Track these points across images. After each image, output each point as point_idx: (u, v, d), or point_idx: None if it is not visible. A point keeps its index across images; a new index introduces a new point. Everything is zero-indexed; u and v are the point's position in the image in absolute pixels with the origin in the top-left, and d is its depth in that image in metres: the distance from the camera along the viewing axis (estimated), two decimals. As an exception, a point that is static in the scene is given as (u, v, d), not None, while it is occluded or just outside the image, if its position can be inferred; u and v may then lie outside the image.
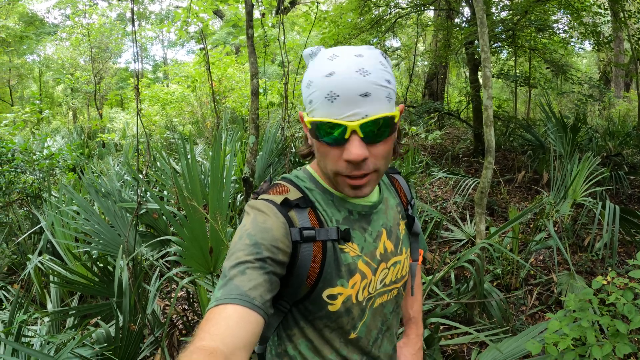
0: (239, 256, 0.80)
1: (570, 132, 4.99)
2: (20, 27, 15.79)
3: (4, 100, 18.02)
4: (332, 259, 0.91)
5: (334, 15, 7.58)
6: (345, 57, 0.81)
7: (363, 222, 0.98)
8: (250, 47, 3.18)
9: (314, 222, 0.91)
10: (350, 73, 0.79)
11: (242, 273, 0.77)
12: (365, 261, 0.96)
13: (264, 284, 0.78)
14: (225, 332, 0.69)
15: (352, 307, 0.95)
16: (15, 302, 2.45)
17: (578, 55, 12.65)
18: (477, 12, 2.57)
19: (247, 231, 0.84)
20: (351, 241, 0.94)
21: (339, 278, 0.92)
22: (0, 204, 4.55)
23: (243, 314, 0.72)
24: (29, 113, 6.31)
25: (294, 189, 0.95)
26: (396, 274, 1.05)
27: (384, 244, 1.01)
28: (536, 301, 3.39)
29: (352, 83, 0.78)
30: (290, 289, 0.90)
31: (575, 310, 1.82)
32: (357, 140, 0.81)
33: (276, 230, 0.84)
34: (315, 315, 0.95)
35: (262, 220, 0.86)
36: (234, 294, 0.74)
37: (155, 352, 2.68)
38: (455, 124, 11.08)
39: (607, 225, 3.47)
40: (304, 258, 0.88)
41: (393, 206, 1.08)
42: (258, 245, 0.81)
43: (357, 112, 0.79)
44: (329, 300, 0.92)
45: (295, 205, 0.91)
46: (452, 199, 5.37)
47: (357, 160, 0.82)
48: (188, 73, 10.14)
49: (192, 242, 2.37)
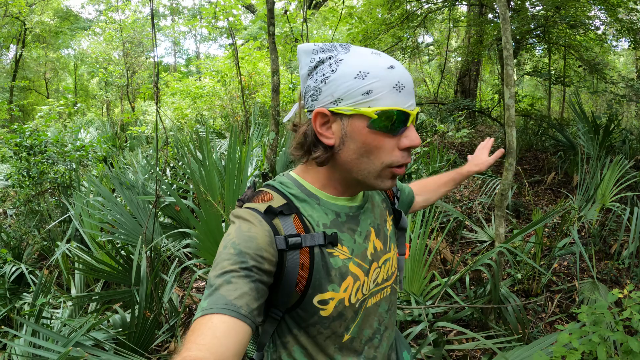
0: (224, 265, 0.80)
1: (602, 133, 4.80)
2: (55, 23, 16.31)
3: (40, 93, 18.69)
4: (320, 265, 0.90)
5: (363, 11, 7.52)
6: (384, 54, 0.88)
7: (352, 223, 0.97)
8: (271, 45, 3.19)
9: (300, 229, 0.90)
10: (405, 69, 0.87)
11: (227, 282, 0.77)
12: (357, 263, 0.95)
13: (250, 292, 0.77)
14: (212, 342, 0.69)
15: (344, 311, 0.94)
16: (40, 285, 2.56)
17: (615, 53, 12.14)
18: (499, 7, 2.50)
19: (231, 240, 0.84)
20: (340, 244, 0.93)
21: (329, 283, 0.91)
22: (33, 193, 4.74)
23: (229, 324, 0.72)
24: (63, 105, 6.53)
25: (277, 196, 0.94)
26: (387, 271, 1.05)
27: (374, 243, 1.00)
28: (557, 309, 3.29)
29: (409, 77, 0.87)
30: (280, 297, 0.89)
31: (587, 324, 1.76)
32: (412, 128, 0.89)
33: (261, 239, 0.84)
34: (308, 321, 0.94)
35: (247, 228, 0.85)
36: (220, 303, 0.74)
37: (171, 340, 2.75)
38: (487, 122, 10.84)
39: (634, 233, 3.33)
40: (291, 266, 0.87)
41: (378, 203, 1.08)
42: (243, 254, 0.81)
43: (412, 102, 0.88)
44: (320, 305, 0.91)
45: (279, 213, 0.90)
46: (477, 199, 5.26)
47: (419, 145, 0.89)
48: (218, 67, 10.26)
49: (207, 235, 2.42)
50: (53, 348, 1.93)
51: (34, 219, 4.56)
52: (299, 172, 1.00)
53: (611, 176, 3.91)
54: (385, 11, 7.67)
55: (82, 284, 3.36)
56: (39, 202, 4.77)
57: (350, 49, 0.88)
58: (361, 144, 0.86)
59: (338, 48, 0.89)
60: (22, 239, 4.20)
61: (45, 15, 15.27)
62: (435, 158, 5.31)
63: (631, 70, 12.38)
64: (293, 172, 1.01)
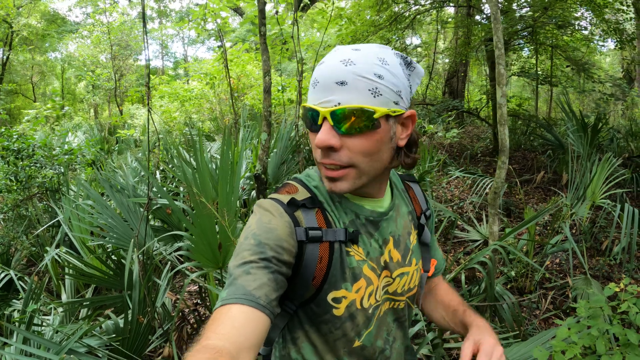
0: (244, 256, 0.80)
1: (590, 132, 4.86)
2: (42, 25, 16.14)
3: (27, 96, 18.48)
4: (338, 261, 0.90)
5: (352, 13, 7.54)
6: (341, 50, 0.83)
7: (370, 227, 0.96)
8: (262, 45, 3.18)
9: (322, 223, 0.90)
10: (334, 62, 0.80)
11: (247, 273, 0.78)
12: (371, 266, 0.94)
13: (269, 283, 0.78)
14: (231, 331, 0.69)
15: (356, 313, 0.94)
16: (30, 291, 2.50)
17: (601, 53, 12.32)
18: (491, 8, 2.52)
19: (252, 231, 0.84)
20: (357, 245, 0.93)
21: (343, 281, 0.91)
22: (21, 198, 4.66)
23: (248, 314, 0.72)
24: (50, 109, 6.45)
25: (302, 189, 0.95)
26: (403, 285, 1.02)
27: (389, 253, 0.98)
28: (550, 305, 3.31)
29: (331, 70, 0.80)
30: (296, 290, 0.89)
31: (585, 318, 1.76)
32: (326, 127, 0.81)
33: (281, 230, 0.84)
34: (320, 318, 0.93)
35: (267, 220, 0.86)
36: (239, 293, 0.75)
37: (165, 345, 2.71)
38: (475, 122, 10.93)
39: (625, 229, 3.37)
40: (309, 258, 0.87)
41: (404, 214, 1.05)
42: (262, 245, 0.81)
43: (331, 99, 0.80)
44: (333, 303, 0.91)
45: (302, 205, 0.90)
46: (468, 198, 5.29)
47: (321, 146, 0.82)
48: (207, 70, 10.23)
49: (200, 237, 2.40)
50: (45, 356, 1.89)
51: (22, 224, 4.48)
52: None
53: (600, 174, 3.95)
54: (374, 13, 7.70)
55: (73, 290, 3.31)
56: (27, 207, 4.69)
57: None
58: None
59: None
60: (10, 245, 4.12)
61: (33, 18, 15.10)
62: (425, 158, 5.33)
63: (617, 70, 12.58)
64: None
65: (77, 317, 2.99)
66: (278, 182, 4.31)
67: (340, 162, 0.84)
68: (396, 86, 0.83)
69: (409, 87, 0.88)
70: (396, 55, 0.86)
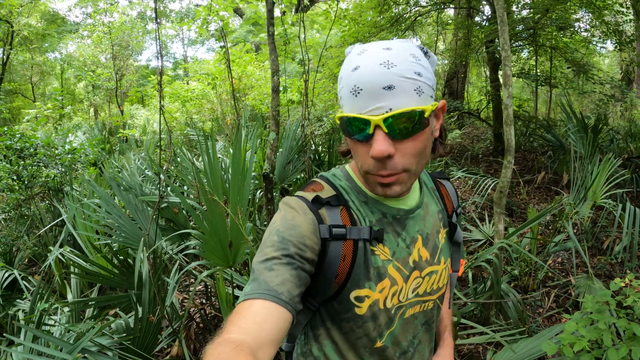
0: (267, 252, 0.81)
1: (591, 132, 4.91)
2: (42, 25, 16.12)
3: (26, 96, 18.45)
4: (362, 260, 0.90)
5: (354, 14, 7.57)
6: (372, 51, 0.79)
7: (397, 226, 0.95)
8: (271, 45, 3.21)
9: (346, 221, 0.90)
10: (373, 66, 0.77)
11: (269, 269, 0.78)
12: (396, 267, 0.93)
13: (292, 279, 0.78)
14: (253, 326, 0.70)
15: (379, 313, 0.94)
16: (37, 292, 2.52)
17: (600, 55, 12.40)
18: (498, 10, 2.55)
19: (276, 228, 0.85)
20: (383, 244, 0.92)
21: (367, 280, 0.90)
22: (23, 197, 4.66)
23: (270, 309, 0.73)
24: (51, 109, 6.44)
25: (328, 187, 0.95)
26: (432, 284, 1.01)
27: (419, 251, 0.97)
28: (553, 304, 3.35)
29: (375, 76, 0.76)
30: (319, 287, 0.90)
31: (593, 312, 1.80)
32: (381, 136, 0.79)
33: (304, 227, 0.85)
34: (342, 316, 0.94)
35: (291, 217, 0.86)
36: (262, 289, 0.75)
37: (173, 344, 2.73)
38: (475, 124, 10.97)
39: (626, 228, 3.41)
40: (332, 256, 0.87)
41: (434, 213, 1.04)
42: (285, 241, 0.82)
43: (381, 105, 0.77)
44: (356, 302, 0.91)
45: (326, 203, 0.90)
46: (470, 198, 5.33)
47: (380, 157, 0.79)
48: (208, 70, 10.24)
49: (212, 235, 2.41)
50: (57, 355, 1.89)
51: (24, 224, 4.48)
52: (351, 165, 1.01)
53: (601, 174, 3.99)
54: (375, 14, 7.73)
55: (78, 289, 3.31)
56: (30, 206, 4.69)
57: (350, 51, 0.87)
58: (349, 146, 0.89)
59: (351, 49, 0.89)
60: (12, 245, 4.11)
61: (33, 18, 15.08)
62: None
63: (616, 72, 12.66)
64: (347, 165, 1.02)
65: (83, 318, 2.99)
66: (284, 182, 4.33)
67: (394, 171, 0.82)
68: (431, 80, 0.82)
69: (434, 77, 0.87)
70: (419, 48, 0.84)
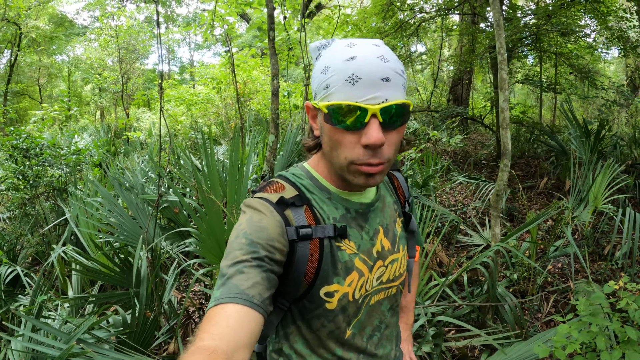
0: (236, 255, 0.80)
1: (593, 138, 4.90)
2: (50, 28, 16.29)
3: (33, 98, 18.63)
4: (328, 257, 0.91)
5: (358, 20, 7.61)
6: (364, 45, 0.83)
7: (360, 220, 0.98)
8: (271, 49, 3.24)
9: (310, 220, 0.91)
10: (372, 58, 0.80)
11: (240, 272, 0.78)
12: (362, 259, 0.96)
13: (262, 282, 0.78)
14: (226, 331, 0.70)
15: (347, 305, 0.96)
16: (37, 286, 2.55)
17: (605, 61, 12.36)
18: (494, 14, 2.57)
19: (243, 230, 0.84)
20: (348, 239, 0.94)
21: (335, 276, 0.92)
22: (28, 196, 4.72)
23: (243, 313, 0.73)
24: (57, 111, 6.51)
25: (289, 187, 0.95)
26: (394, 271, 1.04)
27: (381, 242, 1.00)
28: (552, 309, 3.34)
29: (375, 67, 0.79)
30: (289, 287, 0.91)
31: (586, 315, 1.80)
32: (376, 124, 0.80)
33: (272, 230, 0.85)
34: (313, 313, 0.95)
35: (258, 219, 0.86)
36: (233, 292, 0.75)
37: (170, 341, 2.75)
38: (479, 130, 10.97)
39: (627, 234, 3.40)
40: (301, 256, 0.88)
41: (390, 204, 1.07)
42: (254, 244, 0.81)
43: (378, 95, 0.79)
44: (325, 297, 0.93)
45: (291, 204, 0.91)
46: (471, 204, 5.33)
47: (377, 144, 0.81)
48: (214, 75, 10.31)
49: (209, 234, 2.44)
50: (55, 344, 1.92)
51: (28, 222, 4.53)
52: (310, 163, 1.02)
53: (603, 179, 3.99)
54: (379, 20, 7.77)
55: (79, 287, 3.35)
56: (34, 205, 4.74)
57: (332, 44, 0.90)
58: (328, 137, 0.87)
59: (328, 44, 0.91)
60: (16, 242, 4.16)
61: (41, 20, 15.27)
62: (429, 164, 5.37)
63: (621, 78, 12.62)
64: (306, 163, 1.03)
65: (82, 314, 3.03)
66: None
67: (383, 160, 0.84)
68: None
69: None
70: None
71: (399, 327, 1.18)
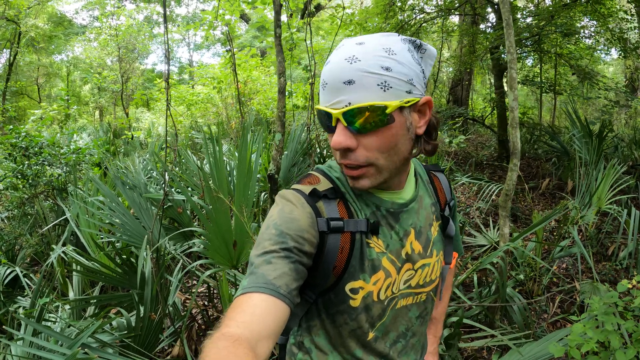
0: (265, 246, 0.81)
1: (596, 139, 4.90)
2: (49, 27, 16.23)
3: (32, 97, 18.55)
4: (358, 252, 0.90)
5: (360, 19, 7.60)
6: (345, 47, 0.81)
7: (391, 219, 0.95)
8: (278, 46, 3.22)
9: (343, 213, 0.90)
10: (339, 61, 0.79)
11: (267, 262, 0.78)
12: (390, 259, 0.94)
13: (290, 272, 0.78)
14: (251, 319, 0.69)
15: (372, 305, 0.94)
16: (37, 288, 2.51)
17: (605, 62, 12.40)
18: (503, 13, 2.55)
19: (273, 221, 0.84)
20: (377, 237, 0.93)
21: (361, 272, 0.91)
22: (27, 196, 4.67)
23: (269, 303, 0.73)
24: (56, 110, 6.47)
25: (324, 180, 0.95)
26: (424, 277, 1.01)
27: (411, 244, 0.97)
28: (558, 309, 3.33)
29: (337, 70, 0.79)
30: (317, 279, 0.90)
31: (599, 314, 1.78)
32: (340, 128, 0.81)
33: (302, 221, 0.84)
34: (337, 308, 0.94)
35: (289, 210, 0.86)
36: (260, 282, 0.75)
37: (175, 344, 2.71)
38: (479, 131, 10.98)
39: (632, 234, 3.39)
40: (331, 248, 0.87)
41: (427, 206, 1.04)
42: (284, 235, 0.81)
43: (341, 99, 0.79)
44: (350, 294, 0.92)
45: (323, 196, 0.90)
46: (475, 204, 5.31)
47: (337, 148, 0.82)
48: (214, 74, 10.28)
49: (216, 234, 2.40)
50: (57, 349, 1.88)
51: (27, 222, 4.49)
52: None
53: (606, 180, 3.98)
54: (381, 20, 7.76)
55: (79, 288, 3.30)
56: (33, 205, 4.69)
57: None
58: None
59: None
60: (15, 242, 4.11)
61: (40, 19, 15.21)
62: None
63: (620, 79, 12.66)
64: None
65: (84, 317, 2.98)
66: (288, 184, 4.34)
67: (357, 162, 0.84)
68: (407, 75, 0.81)
69: (422, 72, 0.85)
70: (404, 42, 0.83)
71: (426, 338, 1.15)
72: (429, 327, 1.27)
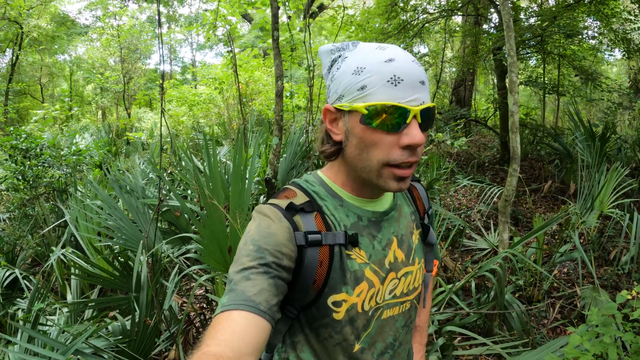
0: (243, 262, 0.80)
1: (599, 141, 4.85)
2: (52, 27, 16.27)
3: (35, 97, 18.63)
4: (338, 265, 0.89)
5: (361, 20, 7.57)
6: (395, 48, 0.84)
7: (372, 228, 0.95)
8: (275, 49, 3.20)
9: (321, 227, 0.90)
10: (409, 61, 0.82)
11: (246, 278, 0.77)
12: (373, 269, 0.93)
13: (269, 288, 0.78)
14: (231, 337, 0.69)
15: (356, 317, 0.93)
16: (35, 291, 2.50)
17: (608, 63, 12.32)
18: (504, 15, 2.52)
19: (251, 237, 0.84)
20: (359, 247, 0.92)
21: (343, 285, 0.90)
22: (27, 197, 4.68)
23: (249, 319, 0.72)
24: (58, 110, 6.48)
25: (301, 193, 0.95)
26: (408, 285, 1.01)
27: (394, 253, 0.97)
28: (558, 315, 3.29)
29: (413, 69, 0.81)
30: (297, 294, 0.89)
31: (598, 325, 1.75)
32: (416, 125, 0.82)
33: (280, 235, 0.84)
34: (320, 322, 0.93)
35: (266, 225, 0.86)
36: (240, 299, 0.74)
37: (171, 348, 2.70)
38: (482, 132, 10.93)
39: (634, 239, 3.35)
40: (309, 262, 0.86)
41: (407, 214, 1.05)
42: (262, 250, 0.81)
43: (418, 97, 0.81)
44: (333, 307, 0.91)
45: (300, 210, 0.90)
46: (476, 207, 5.27)
47: (419, 144, 0.82)
48: (216, 75, 10.27)
49: (211, 240, 2.39)
50: (51, 356, 1.87)
51: (27, 223, 4.50)
52: (324, 171, 1.01)
53: (609, 183, 3.94)
54: (383, 21, 7.73)
55: (78, 291, 3.30)
56: (34, 206, 4.70)
57: (357, 46, 0.89)
58: (359, 139, 0.85)
59: (349, 46, 0.91)
60: (15, 244, 4.12)
61: (43, 20, 15.25)
62: (433, 167, 5.33)
63: (624, 80, 12.57)
64: (320, 171, 1.02)
65: (82, 319, 2.98)
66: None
67: (419, 159, 0.86)
68: None
69: None
70: None
71: (412, 346, 1.14)
72: (414, 335, 1.27)
